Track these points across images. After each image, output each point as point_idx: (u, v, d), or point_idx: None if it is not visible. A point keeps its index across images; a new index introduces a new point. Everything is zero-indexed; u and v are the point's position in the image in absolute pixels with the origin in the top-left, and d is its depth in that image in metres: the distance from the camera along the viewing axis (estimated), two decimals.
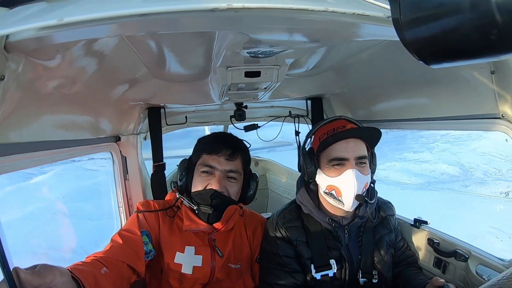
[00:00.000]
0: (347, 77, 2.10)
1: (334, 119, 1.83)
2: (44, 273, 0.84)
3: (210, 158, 1.81)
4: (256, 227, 2.01)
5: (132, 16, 0.72)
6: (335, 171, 1.71)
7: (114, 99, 1.87)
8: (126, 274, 1.55)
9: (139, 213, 1.81)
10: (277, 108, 2.98)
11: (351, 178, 1.66)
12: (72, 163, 11.80)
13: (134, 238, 1.68)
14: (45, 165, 1.89)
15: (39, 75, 1.08)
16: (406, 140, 17.54)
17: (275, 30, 1.11)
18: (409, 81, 1.81)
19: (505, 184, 11.26)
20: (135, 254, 1.63)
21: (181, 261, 1.77)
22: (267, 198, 3.95)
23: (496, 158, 13.72)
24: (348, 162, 1.68)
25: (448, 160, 14.05)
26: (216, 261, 1.80)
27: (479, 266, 1.68)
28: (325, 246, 1.78)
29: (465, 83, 1.47)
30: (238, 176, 1.85)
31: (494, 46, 0.53)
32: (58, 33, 0.77)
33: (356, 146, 1.70)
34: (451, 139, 17.01)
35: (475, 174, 12.83)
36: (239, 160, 1.85)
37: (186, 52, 1.39)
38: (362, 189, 1.69)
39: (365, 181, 1.70)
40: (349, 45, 1.52)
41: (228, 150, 1.81)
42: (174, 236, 1.80)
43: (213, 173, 1.79)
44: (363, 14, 0.80)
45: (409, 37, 0.63)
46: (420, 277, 1.81)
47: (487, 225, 7.77)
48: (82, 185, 9.82)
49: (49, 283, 0.84)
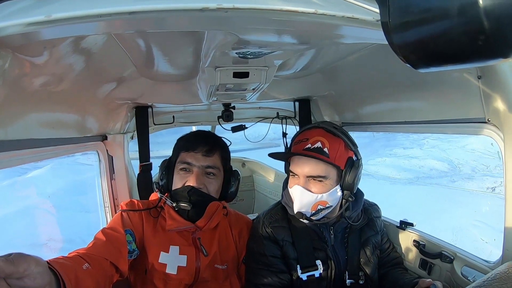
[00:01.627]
0: (335, 80, 2.12)
1: (311, 127, 1.81)
2: (18, 261, 0.81)
3: (187, 155, 1.81)
4: (242, 228, 2.01)
5: (121, 13, 0.72)
6: (292, 182, 1.77)
7: (101, 98, 1.85)
8: (109, 272, 1.53)
9: (123, 212, 1.80)
10: (265, 109, 2.98)
11: (294, 193, 1.71)
12: (66, 158, 11.74)
13: (118, 236, 1.66)
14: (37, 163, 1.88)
15: (25, 72, 1.06)
16: (397, 136, 17.86)
17: (264, 31, 1.11)
18: (397, 85, 1.83)
19: (492, 179, 11.56)
20: (118, 252, 1.61)
21: (166, 261, 1.76)
22: (253, 199, 3.95)
23: (485, 155, 14.04)
24: (298, 178, 1.72)
25: (438, 156, 14.40)
26: (201, 261, 1.80)
27: (464, 267, 1.70)
28: (311, 246, 1.79)
29: (453, 88, 1.50)
30: (217, 172, 1.85)
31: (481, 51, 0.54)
32: (46, 30, 0.76)
33: (308, 165, 1.69)
34: (442, 136, 17.24)
35: (463, 170, 13.16)
36: (217, 156, 1.86)
37: (174, 52, 1.39)
38: (313, 206, 1.69)
39: (315, 198, 1.68)
40: (338, 47, 1.53)
41: (205, 147, 1.82)
42: (158, 236, 1.80)
43: (191, 170, 1.79)
44: (353, 17, 0.81)
45: (398, 40, 0.63)
46: (406, 277, 1.83)
47: (472, 219, 7.96)
48: (77, 179, 9.76)
49: (23, 272, 0.81)
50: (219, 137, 2.00)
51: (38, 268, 0.85)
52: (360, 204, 1.86)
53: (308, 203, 1.68)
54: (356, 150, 1.79)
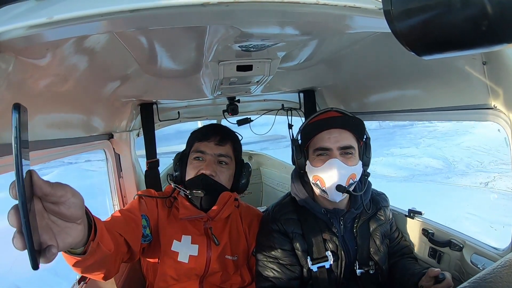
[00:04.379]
0: (339, 69, 2.10)
1: (325, 111, 1.84)
2: (57, 186, 0.82)
3: (201, 145, 1.86)
4: (252, 220, 2.03)
5: (122, 12, 0.72)
6: (319, 161, 1.73)
7: (106, 97, 1.85)
8: (122, 247, 1.54)
9: (140, 198, 1.85)
10: (270, 101, 2.98)
11: (332, 167, 1.68)
12: (70, 165, 12.04)
13: (134, 218, 1.70)
14: (43, 169, 1.89)
15: (29, 74, 1.07)
16: (395, 136, 18.12)
17: (266, 23, 1.10)
18: (401, 73, 1.82)
19: (486, 175, 11.70)
20: (132, 231, 1.64)
21: (178, 249, 1.79)
22: (261, 192, 3.96)
23: (479, 151, 14.24)
24: (332, 152, 1.70)
25: (433, 154, 14.53)
26: (212, 251, 1.82)
27: (473, 255, 1.69)
28: (321, 238, 1.79)
29: (457, 74, 1.48)
30: (229, 161, 1.88)
31: (485, 37, 0.53)
32: (48, 31, 0.76)
33: (340, 136, 1.70)
34: (438, 134, 17.69)
35: (458, 167, 13.29)
36: (229, 146, 1.90)
37: (177, 47, 1.39)
38: (347, 180, 1.68)
39: (350, 171, 1.69)
40: (341, 37, 1.52)
41: (218, 136, 1.87)
42: (171, 225, 1.84)
43: (204, 159, 1.84)
44: (355, 6, 0.80)
45: (401, 28, 0.63)
46: (415, 266, 1.83)
47: (464, 211, 8.10)
48: (84, 184, 9.89)
49: (60, 196, 0.81)
50: (231, 130, 2.04)
51: (75, 199, 0.85)
52: (368, 193, 1.86)
53: (344, 176, 1.67)
54: (366, 130, 1.82)
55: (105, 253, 1.17)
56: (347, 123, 1.74)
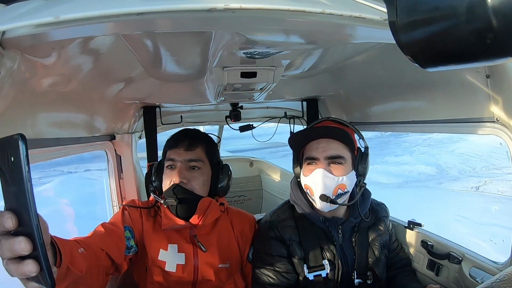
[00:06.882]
0: (343, 79, 2.11)
1: (321, 120, 1.87)
2: None
3: (172, 152, 1.84)
4: (244, 226, 2.00)
5: (129, 14, 0.72)
6: (309, 170, 1.74)
7: (110, 98, 1.86)
8: (103, 262, 1.52)
9: (125, 209, 1.84)
10: (273, 109, 2.98)
11: (317, 177, 1.68)
12: (72, 174, 12.04)
13: (116, 231, 1.68)
14: (43, 177, 1.88)
15: (34, 72, 1.07)
16: (390, 145, 18.41)
17: (271, 31, 1.11)
18: (404, 84, 1.82)
19: (477, 180, 11.85)
20: (115, 245, 1.62)
21: (165, 258, 1.77)
22: (261, 198, 3.94)
23: (472, 158, 14.51)
24: (319, 161, 1.71)
25: (426, 161, 14.71)
26: (199, 258, 1.81)
27: (472, 268, 1.69)
28: (318, 246, 1.78)
29: (461, 87, 1.48)
30: (201, 165, 1.84)
31: (489, 50, 0.53)
32: (55, 31, 0.77)
33: (327, 146, 1.71)
34: (433, 142, 18.00)
35: (450, 173, 13.49)
36: (200, 149, 1.86)
37: (182, 52, 1.39)
38: (334, 190, 1.68)
39: (337, 181, 1.69)
40: (346, 47, 1.52)
41: (186, 141, 1.84)
42: (157, 233, 1.81)
43: (175, 166, 1.81)
44: (360, 16, 0.80)
45: (405, 40, 0.63)
46: (414, 284, 1.83)
47: (454, 214, 8.24)
48: (87, 192, 9.92)
49: None
50: (203, 132, 2.02)
51: None
52: (367, 202, 1.86)
53: (330, 186, 1.67)
54: (364, 140, 1.84)
55: (77, 275, 1.17)
56: (336, 133, 1.74)
